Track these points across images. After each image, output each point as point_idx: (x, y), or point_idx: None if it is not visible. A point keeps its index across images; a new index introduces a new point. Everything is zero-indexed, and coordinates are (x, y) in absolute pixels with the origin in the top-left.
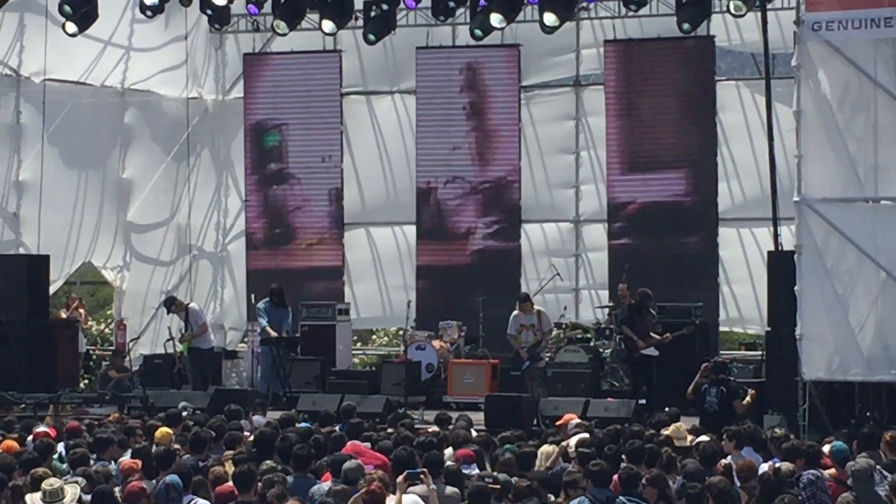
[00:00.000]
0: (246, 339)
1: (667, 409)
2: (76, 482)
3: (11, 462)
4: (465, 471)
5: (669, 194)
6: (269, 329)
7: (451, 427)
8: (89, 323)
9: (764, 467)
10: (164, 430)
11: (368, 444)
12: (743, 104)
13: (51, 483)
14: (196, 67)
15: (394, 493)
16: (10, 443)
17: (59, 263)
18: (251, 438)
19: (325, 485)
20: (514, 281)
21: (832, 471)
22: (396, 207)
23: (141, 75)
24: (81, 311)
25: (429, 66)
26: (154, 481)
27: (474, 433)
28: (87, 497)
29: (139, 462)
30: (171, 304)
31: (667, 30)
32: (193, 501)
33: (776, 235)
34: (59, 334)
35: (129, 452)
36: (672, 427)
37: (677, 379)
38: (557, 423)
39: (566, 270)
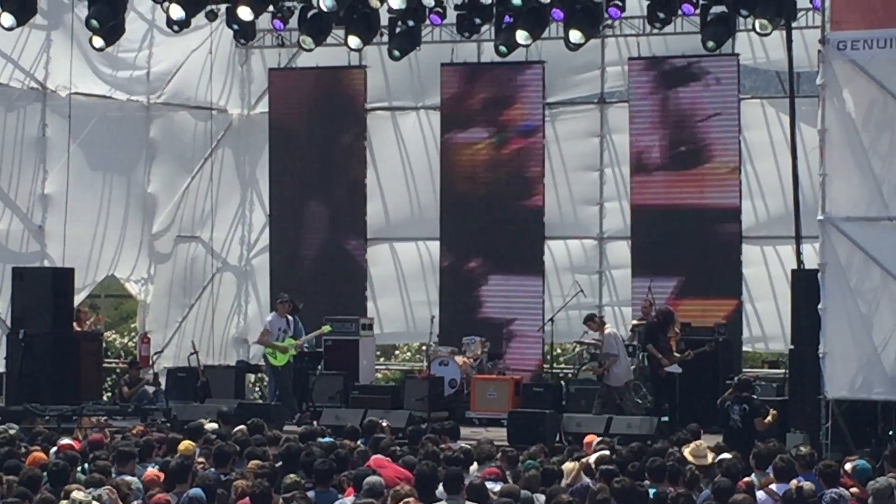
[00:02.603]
0: None
1: (687, 426)
2: (99, 496)
3: (39, 475)
4: (489, 486)
5: (693, 211)
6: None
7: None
8: (113, 336)
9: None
10: (186, 443)
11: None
12: (767, 122)
13: (78, 495)
14: (221, 82)
15: None
16: (38, 454)
17: (84, 276)
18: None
19: (348, 500)
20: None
21: (854, 490)
22: (420, 223)
23: (166, 90)
24: (93, 325)
25: (453, 82)
26: (174, 494)
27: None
28: None
29: (161, 475)
30: (293, 303)
31: (692, 48)
32: None
33: (799, 254)
34: (84, 347)
35: (151, 465)
36: (693, 445)
37: (700, 396)
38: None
39: (590, 287)
